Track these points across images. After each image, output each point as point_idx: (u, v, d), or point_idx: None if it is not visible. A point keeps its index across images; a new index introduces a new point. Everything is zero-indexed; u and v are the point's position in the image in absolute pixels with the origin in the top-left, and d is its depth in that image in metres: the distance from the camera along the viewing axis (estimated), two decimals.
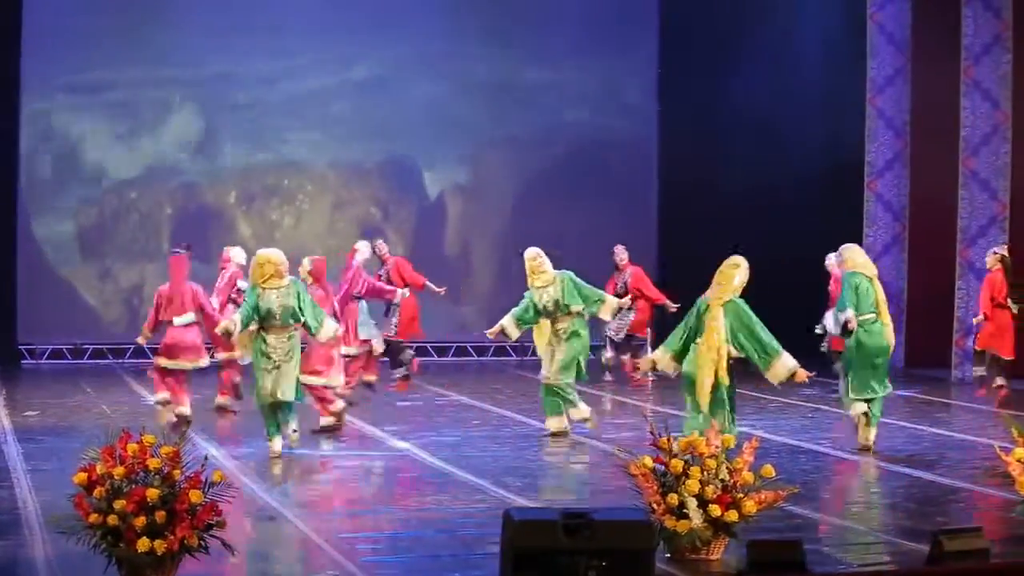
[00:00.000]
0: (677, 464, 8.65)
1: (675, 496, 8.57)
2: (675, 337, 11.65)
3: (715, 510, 8.54)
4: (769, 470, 8.88)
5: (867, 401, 12.99)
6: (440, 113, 22.66)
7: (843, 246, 13.80)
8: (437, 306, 20.36)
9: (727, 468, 8.73)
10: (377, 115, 22.48)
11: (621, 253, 19.07)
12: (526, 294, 14.14)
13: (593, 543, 7.38)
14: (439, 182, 23.07)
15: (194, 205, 22.13)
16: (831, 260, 17.95)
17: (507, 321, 14.25)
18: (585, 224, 22.86)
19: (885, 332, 13.01)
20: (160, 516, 7.73)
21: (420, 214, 22.97)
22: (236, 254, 16.33)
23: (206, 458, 8.57)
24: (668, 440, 8.82)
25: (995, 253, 17.30)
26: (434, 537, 9.69)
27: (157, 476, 7.89)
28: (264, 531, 9.84)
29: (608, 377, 19.25)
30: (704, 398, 11.21)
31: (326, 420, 14.09)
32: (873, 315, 12.93)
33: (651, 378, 18.09)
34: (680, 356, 11.62)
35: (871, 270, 13.31)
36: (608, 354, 19.52)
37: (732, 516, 8.56)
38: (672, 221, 23.06)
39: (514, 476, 11.95)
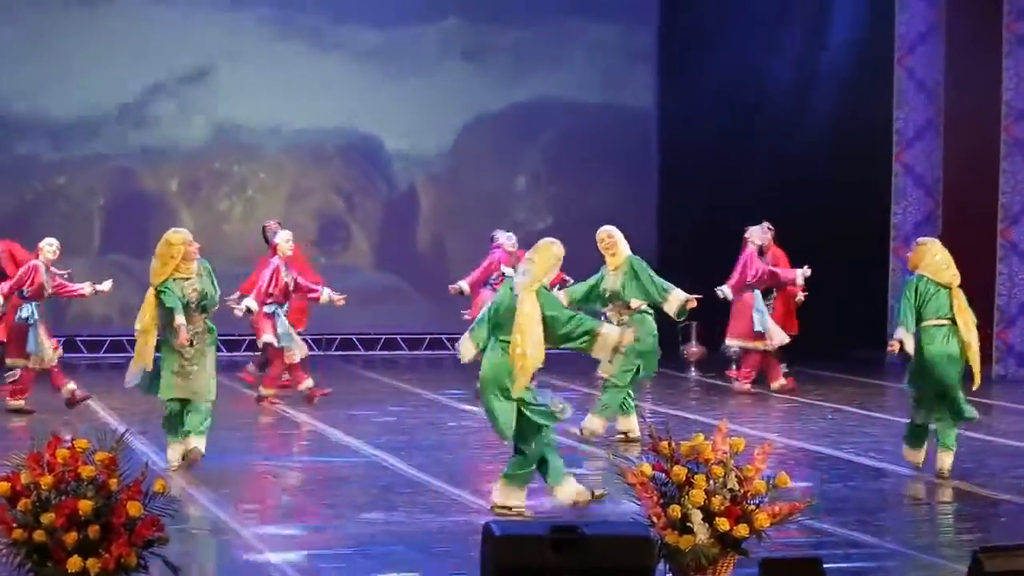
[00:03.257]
0: (680, 472, 8.63)
1: (677, 508, 8.55)
2: (908, 319, 12.28)
3: (723, 524, 8.52)
4: (784, 479, 8.87)
5: None
6: (412, 90, 22.36)
7: (609, 227, 14.41)
8: (416, 303, 20.52)
9: (736, 476, 8.72)
10: (340, 92, 22.14)
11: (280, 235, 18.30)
12: (168, 285, 13.00)
13: (584, 561, 7.38)
14: (410, 169, 22.86)
15: (129, 192, 21.93)
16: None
17: (179, 318, 12.96)
18: (575, 216, 22.36)
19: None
20: (93, 531, 7.70)
21: (388, 205, 22.68)
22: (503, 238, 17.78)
23: (146, 465, 8.54)
24: (669, 444, 8.80)
25: (770, 229, 18.04)
26: (405, 553, 9.70)
27: (90, 486, 7.85)
28: (212, 548, 9.82)
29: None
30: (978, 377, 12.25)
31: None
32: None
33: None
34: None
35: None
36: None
37: (742, 531, 8.55)
38: (673, 200, 22.94)
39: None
